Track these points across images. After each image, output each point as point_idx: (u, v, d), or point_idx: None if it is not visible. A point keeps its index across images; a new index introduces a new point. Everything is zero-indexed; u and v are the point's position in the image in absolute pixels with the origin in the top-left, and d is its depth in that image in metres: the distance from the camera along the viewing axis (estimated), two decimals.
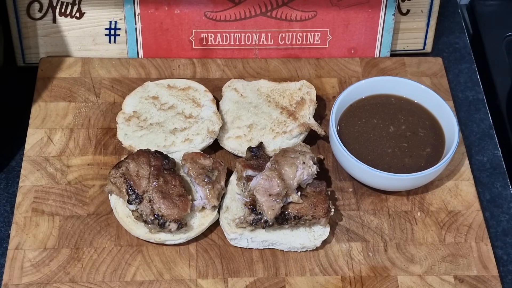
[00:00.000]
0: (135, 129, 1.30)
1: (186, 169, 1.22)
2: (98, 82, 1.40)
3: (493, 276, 1.19)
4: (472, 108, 1.45)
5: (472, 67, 1.51)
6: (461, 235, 1.24)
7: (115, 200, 1.21)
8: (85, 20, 1.41)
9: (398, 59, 1.48)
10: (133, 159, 1.20)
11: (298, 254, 1.20)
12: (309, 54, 1.47)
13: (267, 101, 1.34)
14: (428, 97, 1.32)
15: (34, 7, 1.39)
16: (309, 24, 1.44)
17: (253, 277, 1.17)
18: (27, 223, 1.20)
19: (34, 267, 1.16)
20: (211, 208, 1.20)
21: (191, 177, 1.21)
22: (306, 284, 1.17)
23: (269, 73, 1.44)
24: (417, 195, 1.28)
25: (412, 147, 1.28)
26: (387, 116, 1.32)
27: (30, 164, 1.27)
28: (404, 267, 1.19)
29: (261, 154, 1.24)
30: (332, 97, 1.40)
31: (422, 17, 1.47)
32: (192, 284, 1.16)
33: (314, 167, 1.20)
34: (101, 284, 1.15)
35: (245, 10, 1.42)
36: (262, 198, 1.16)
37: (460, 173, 1.31)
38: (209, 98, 1.34)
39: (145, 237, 1.18)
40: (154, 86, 1.36)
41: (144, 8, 1.40)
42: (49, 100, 1.36)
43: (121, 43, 1.44)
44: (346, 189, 1.29)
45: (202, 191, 1.19)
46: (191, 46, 1.44)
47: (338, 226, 1.24)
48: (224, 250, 1.20)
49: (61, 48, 1.43)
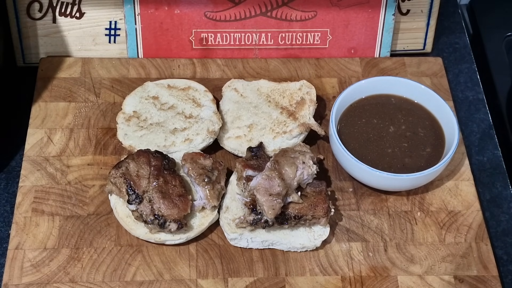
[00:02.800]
0: (135, 129, 1.30)
1: (186, 169, 1.22)
2: (98, 82, 1.39)
3: (493, 276, 1.19)
4: (472, 108, 1.45)
5: (472, 67, 1.51)
6: (461, 235, 1.24)
7: (115, 200, 1.21)
8: (85, 20, 1.41)
9: (398, 59, 1.48)
10: (133, 159, 1.20)
11: (298, 254, 1.20)
12: (309, 54, 1.47)
13: (267, 101, 1.34)
14: (428, 97, 1.32)
15: (34, 7, 1.39)
16: (309, 24, 1.44)
17: (253, 277, 1.17)
18: (27, 223, 1.20)
19: (34, 267, 1.16)
20: (211, 208, 1.20)
21: (191, 177, 1.21)
22: (306, 284, 1.17)
23: (269, 73, 1.44)
24: (417, 195, 1.28)
25: (412, 147, 1.28)
26: (387, 116, 1.32)
27: (30, 164, 1.27)
28: (404, 267, 1.19)
29: (261, 154, 1.24)
30: (332, 97, 1.40)
31: (422, 17, 1.47)
32: (192, 284, 1.16)
33: (314, 167, 1.20)
34: (101, 284, 1.15)
35: (245, 10, 1.42)
36: (263, 197, 1.16)
37: (460, 173, 1.31)
38: (209, 98, 1.34)
39: (145, 237, 1.18)
40: (154, 86, 1.36)
41: (144, 8, 1.40)
42: (49, 100, 1.36)
43: (121, 43, 1.44)
44: (346, 189, 1.29)
45: (202, 191, 1.19)
46: (191, 46, 1.44)
47: (338, 226, 1.24)
48: (224, 250, 1.20)
49: (61, 48, 1.43)
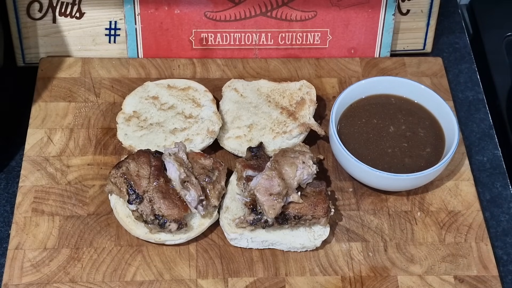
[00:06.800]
0: (135, 129, 1.30)
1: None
2: (98, 82, 1.39)
3: (493, 276, 1.19)
4: (472, 108, 1.45)
5: (472, 67, 1.51)
6: (461, 235, 1.24)
7: (115, 200, 1.21)
8: (85, 20, 1.41)
9: (398, 59, 1.48)
10: (133, 159, 1.20)
11: (298, 254, 1.20)
12: (309, 54, 1.47)
13: (267, 101, 1.34)
14: (428, 97, 1.32)
15: (34, 7, 1.39)
16: (309, 24, 1.44)
17: (253, 277, 1.17)
18: (27, 223, 1.20)
19: (34, 267, 1.16)
20: (212, 207, 1.20)
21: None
22: (306, 284, 1.17)
23: (269, 73, 1.44)
24: (417, 195, 1.28)
25: (412, 147, 1.28)
26: (387, 116, 1.32)
27: (30, 164, 1.27)
28: (404, 267, 1.19)
29: (261, 154, 1.24)
30: (332, 97, 1.40)
31: (422, 17, 1.47)
32: (192, 284, 1.16)
33: (314, 166, 1.20)
34: (101, 284, 1.15)
35: (245, 10, 1.42)
36: (263, 197, 1.16)
37: (460, 173, 1.31)
38: (209, 98, 1.34)
39: (145, 237, 1.18)
40: (154, 86, 1.36)
41: (144, 8, 1.40)
42: (49, 100, 1.36)
43: (121, 43, 1.44)
44: (346, 189, 1.29)
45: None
46: (191, 46, 1.44)
47: (338, 226, 1.24)
48: (224, 250, 1.20)
49: (61, 48, 1.43)
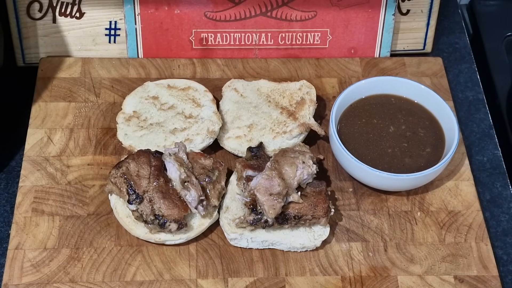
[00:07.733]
0: (135, 129, 1.30)
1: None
2: (98, 82, 1.39)
3: (493, 276, 1.19)
4: (472, 108, 1.45)
5: (472, 67, 1.51)
6: (461, 235, 1.24)
7: (115, 200, 1.21)
8: (85, 20, 1.41)
9: (398, 59, 1.48)
10: (133, 159, 1.20)
11: (298, 254, 1.20)
12: (309, 54, 1.47)
13: (267, 101, 1.34)
14: (428, 97, 1.32)
15: (34, 7, 1.39)
16: (309, 24, 1.44)
17: (253, 277, 1.17)
18: (27, 223, 1.20)
19: (34, 267, 1.16)
20: (211, 207, 1.20)
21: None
22: (306, 284, 1.17)
23: (269, 73, 1.44)
24: (417, 195, 1.28)
25: (412, 147, 1.28)
26: (387, 116, 1.32)
27: (30, 164, 1.27)
28: (404, 267, 1.19)
29: (261, 154, 1.24)
30: (332, 97, 1.40)
31: (422, 17, 1.47)
32: (192, 284, 1.16)
33: (314, 166, 1.20)
34: (101, 284, 1.15)
35: (245, 10, 1.42)
36: (263, 197, 1.16)
37: (460, 173, 1.31)
38: (209, 98, 1.34)
39: (145, 237, 1.18)
40: (154, 86, 1.36)
41: (144, 8, 1.40)
42: (49, 100, 1.36)
43: (121, 43, 1.44)
44: (346, 189, 1.29)
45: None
46: (191, 46, 1.44)
47: (338, 226, 1.24)
48: (224, 250, 1.20)
49: (61, 48, 1.43)
